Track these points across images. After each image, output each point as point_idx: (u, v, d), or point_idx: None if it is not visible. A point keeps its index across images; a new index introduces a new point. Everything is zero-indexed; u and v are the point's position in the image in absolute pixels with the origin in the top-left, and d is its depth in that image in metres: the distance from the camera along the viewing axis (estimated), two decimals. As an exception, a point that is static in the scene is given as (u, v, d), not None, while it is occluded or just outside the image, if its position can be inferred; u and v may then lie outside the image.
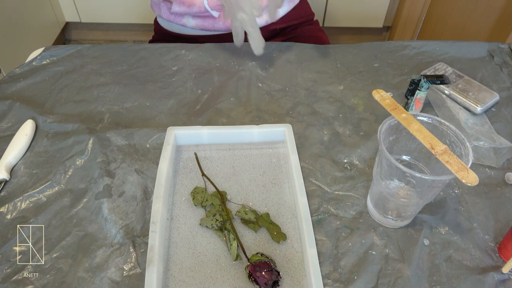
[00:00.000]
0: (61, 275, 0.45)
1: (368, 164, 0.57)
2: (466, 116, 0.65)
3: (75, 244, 0.48)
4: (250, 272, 0.44)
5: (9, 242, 0.48)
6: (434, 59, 0.76)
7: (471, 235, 0.50)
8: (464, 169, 0.39)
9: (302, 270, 0.46)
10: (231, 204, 0.52)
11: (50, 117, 0.62)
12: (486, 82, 0.71)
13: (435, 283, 0.45)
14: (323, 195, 0.54)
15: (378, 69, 0.74)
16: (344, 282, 0.45)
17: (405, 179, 0.44)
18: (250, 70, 0.73)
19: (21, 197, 0.52)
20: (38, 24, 1.81)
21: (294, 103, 0.67)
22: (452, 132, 0.44)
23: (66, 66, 0.73)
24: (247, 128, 0.59)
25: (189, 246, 0.48)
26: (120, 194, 0.53)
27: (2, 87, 0.68)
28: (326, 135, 0.62)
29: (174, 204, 0.52)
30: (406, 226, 0.50)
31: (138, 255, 0.47)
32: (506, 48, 0.79)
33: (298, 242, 0.49)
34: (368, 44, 0.80)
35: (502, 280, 0.45)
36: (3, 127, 0.61)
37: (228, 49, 0.77)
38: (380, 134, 0.43)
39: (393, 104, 0.47)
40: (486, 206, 0.53)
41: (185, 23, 0.84)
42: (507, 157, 0.58)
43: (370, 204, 0.51)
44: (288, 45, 0.78)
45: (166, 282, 0.45)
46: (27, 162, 0.57)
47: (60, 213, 0.51)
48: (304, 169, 0.56)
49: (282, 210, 0.52)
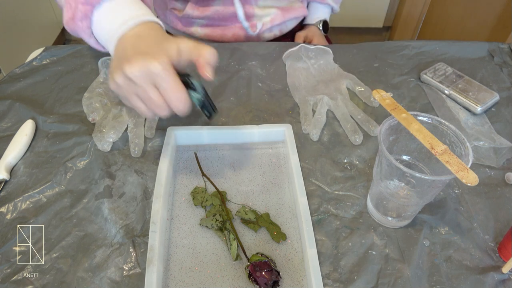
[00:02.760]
0: (61, 275, 0.45)
1: (368, 164, 0.57)
2: (466, 116, 0.65)
3: (75, 244, 0.48)
4: (250, 272, 0.44)
5: (9, 242, 0.48)
6: (434, 59, 0.76)
7: (471, 235, 0.50)
8: (464, 169, 0.39)
9: (302, 270, 0.46)
10: (231, 204, 0.52)
11: (50, 117, 0.62)
12: (486, 82, 0.71)
13: (435, 283, 0.45)
14: (323, 195, 0.54)
15: (378, 69, 0.74)
16: (344, 282, 0.45)
17: (405, 179, 0.44)
18: (250, 70, 0.73)
19: (21, 197, 0.52)
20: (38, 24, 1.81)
21: (294, 103, 0.67)
22: (452, 132, 0.44)
23: (66, 66, 0.73)
24: (247, 128, 0.59)
25: (189, 246, 0.48)
26: (120, 195, 0.53)
27: (2, 87, 0.68)
28: (326, 135, 0.62)
29: (174, 204, 0.52)
30: (406, 226, 0.50)
31: (138, 255, 0.47)
32: (506, 48, 0.79)
33: (298, 242, 0.49)
34: (368, 44, 0.80)
35: (502, 280, 0.45)
36: (3, 127, 0.61)
37: (228, 49, 0.77)
38: (380, 134, 0.43)
39: (393, 104, 0.47)
40: (486, 206, 0.53)
41: (193, 33, 0.83)
42: (507, 157, 0.58)
43: (370, 204, 0.51)
44: (288, 45, 0.78)
45: (166, 282, 0.45)
46: (27, 162, 0.57)
47: (60, 213, 0.51)
48: (304, 169, 0.56)
49: (282, 210, 0.52)
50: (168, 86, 0.39)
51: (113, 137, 0.58)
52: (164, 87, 0.39)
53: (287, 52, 0.74)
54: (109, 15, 0.45)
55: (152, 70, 0.38)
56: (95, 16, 0.46)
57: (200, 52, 0.42)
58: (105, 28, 0.46)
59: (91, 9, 0.45)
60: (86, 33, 0.47)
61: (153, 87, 0.40)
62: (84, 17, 0.46)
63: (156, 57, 0.39)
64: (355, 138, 0.60)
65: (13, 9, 1.62)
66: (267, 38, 0.85)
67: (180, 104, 0.40)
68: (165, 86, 0.39)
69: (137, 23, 0.44)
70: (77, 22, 0.46)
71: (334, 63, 0.74)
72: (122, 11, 0.45)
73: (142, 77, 0.39)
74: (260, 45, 0.79)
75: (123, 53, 0.41)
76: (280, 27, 0.85)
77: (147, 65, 0.38)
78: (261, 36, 0.84)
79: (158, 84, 0.40)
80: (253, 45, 0.78)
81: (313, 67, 0.73)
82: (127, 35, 0.43)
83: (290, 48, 0.74)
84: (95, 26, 0.47)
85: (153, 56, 0.39)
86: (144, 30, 0.43)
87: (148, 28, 0.44)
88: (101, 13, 0.46)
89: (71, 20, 0.47)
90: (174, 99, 0.40)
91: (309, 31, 0.90)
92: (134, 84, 0.40)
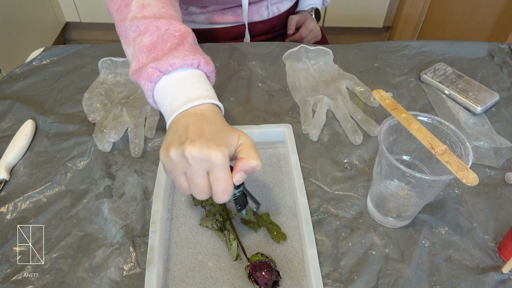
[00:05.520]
0: (61, 275, 0.45)
1: (368, 164, 0.57)
2: (466, 116, 0.65)
3: (75, 244, 0.48)
4: (250, 272, 0.44)
5: (9, 242, 0.48)
6: (434, 59, 0.76)
7: (471, 235, 0.50)
8: (464, 169, 0.39)
9: (302, 270, 0.46)
10: (231, 204, 0.52)
11: (50, 117, 0.62)
12: (486, 82, 0.71)
13: (435, 283, 0.45)
14: (323, 195, 0.54)
15: (378, 69, 0.74)
16: (344, 282, 0.45)
17: (405, 179, 0.44)
18: (250, 70, 0.73)
19: (21, 197, 0.52)
20: (38, 24, 1.81)
21: (294, 103, 0.67)
22: (452, 132, 0.44)
23: (66, 66, 0.73)
24: (247, 128, 0.59)
25: (189, 246, 0.48)
26: (120, 195, 0.53)
27: (2, 87, 0.68)
28: (326, 135, 0.62)
29: (174, 204, 0.52)
30: (406, 226, 0.50)
31: (138, 255, 0.47)
32: (506, 48, 0.79)
33: (298, 242, 0.49)
34: (368, 44, 0.80)
35: (502, 280, 0.45)
36: (3, 127, 0.61)
37: (228, 49, 0.77)
38: (380, 134, 0.43)
39: (393, 104, 0.47)
40: (486, 206, 0.53)
41: (194, 19, 0.84)
42: (507, 157, 0.58)
43: (370, 204, 0.51)
44: (288, 45, 0.78)
45: (166, 282, 0.45)
46: (27, 162, 0.57)
47: (60, 213, 0.51)
48: (304, 169, 0.56)
49: (282, 210, 0.52)
50: (221, 176, 0.39)
51: (114, 138, 0.58)
52: (217, 176, 0.40)
53: (287, 53, 0.74)
54: (176, 85, 0.45)
55: (212, 158, 0.39)
56: (162, 79, 0.45)
57: (249, 156, 0.41)
58: (169, 97, 0.45)
59: (160, 75, 0.45)
60: (148, 94, 0.47)
61: (205, 173, 0.40)
62: (150, 79, 0.45)
63: (219, 146, 0.39)
64: (355, 138, 0.60)
65: (13, 9, 1.62)
66: (264, 15, 0.86)
67: (224, 196, 0.40)
68: (219, 176, 0.39)
69: (203, 104, 0.44)
70: (141, 80, 0.46)
71: (334, 64, 0.74)
72: (190, 87, 0.45)
73: (200, 161, 0.39)
74: (260, 45, 0.79)
75: (185, 130, 0.41)
76: (277, 5, 0.87)
77: (209, 152, 0.38)
78: (260, 12, 0.85)
79: (212, 172, 0.40)
80: (253, 45, 0.79)
81: (313, 68, 0.73)
82: (190, 112, 0.43)
83: (290, 49, 0.74)
84: (159, 90, 0.46)
85: (217, 144, 0.39)
86: (209, 113, 0.43)
87: (213, 112, 0.43)
88: (168, 80, 0.45)
89: (135, 74, 0.47)
90: (221, 190, 0.40)
91: (302, 15, 0.92)
92: (188, 164, 0.40)
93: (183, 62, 0.45)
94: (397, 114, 0.45)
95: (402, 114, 0.45)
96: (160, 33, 0.48)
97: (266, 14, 0.86)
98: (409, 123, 0.44)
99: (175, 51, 0.46)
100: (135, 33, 0.49)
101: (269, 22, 0.88)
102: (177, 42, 0.47)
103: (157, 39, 0.47)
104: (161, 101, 0.46)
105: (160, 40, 0.47)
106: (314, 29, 0.91)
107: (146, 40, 0.48)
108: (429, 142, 0.42)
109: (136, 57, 0.48)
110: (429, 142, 0.42)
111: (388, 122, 0.45)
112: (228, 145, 0.40)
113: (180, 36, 0.48)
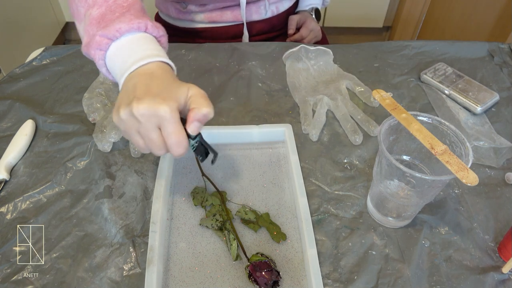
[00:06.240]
0: (61, 275, 0.45)
1: (368, 164, 0.57)
2: (466, 116, 0.65)
3: (75, 244, 0.48)
4: (250, 272, 0.44)
5: (9, 242, 0.48)
6: (434, 59, 0.76)
7: (471, 235, 0.50)
8: (464, 169, 0.39)
9: (302, 270, 0.46)
10: (231, 204, 0.52)
11: (50, 117, 0.62)
12: (486, 82, 0.71)
13: (435, 283, 0.45)
14: (323, 195, 0.54)
15: (378, 69, 0.74)
16: (344, 282, 0.45)
17: (405, 179, 0.44)
18: (250, 70, 0.73)
19: (21, 197, 0.52)
20: (38, 24, 1.81)
21: (294, 103, 0.67)
22: (452, 132, 0.44)
23: (66, 66, 0.73)
24: (247, 128, 0.59)
25: (189, 246, 0.48)
26: (120, 195, 0.53)
27: (2, 87, 0.68)
28: (326, 135, 0.62)
29: (174, 204, 0.52)
30: (406, 226, 0.50)
31: (138, 255, 0.47)
32: (506, 48, 0.79)
33: (298, 242, 0.49)
34: (368, 44, 0.80)
35: (502, 280, 0.45)
36: (3, 127, 0.61)
37: (228, 49, 0.77)
38: (380, 134, 0.43)
39: (393, 104, 0.47)
40: (486, 206, 0.53)
41: (193, 18, 0.85)
42: (507, 157, 0.58)
43: (370, 204, 0.51)
44: (288, 45, 0.78)
45: (166, 282, 0.45)
46: (27, 162, 0.57)
47: (60, 213, 0.51)
48: (304, 169, 0.56)
49: (282, 210, 0.52)
50: (172, 130, 0.40)
51: (115, 138, 0.58)
52: (168, 131, 0.40)
53: (287, 53, 0.74)
54: (125, 49, 0.46)
55: (160, 113, 0.39)
56: (111, 47, 0.46)
57: (199, 105, 0.42)
58: (118, 62, 0.46)
59: (108, 42, 0.46)
60: (99, 64, 0.48)
61: (156, 128, 0.41)
62: (99, 47, 0.46)
63: (166, 100, 0.40)
64: (355, 138, 0.60)
65: (13, 9, 1.62)
66: (263, 14, 0.86)
67: (179, 148, 0.41)
68: (169, 130, 0.40)
69: (151, 62, 0.44)
70: (91, 50, 0.47)
71: (334, 64, 0.74)
72: (138, 48, 0.45)
73: (148, 117, 0.39)
74: (260, 45, 0.79)
75: (133, 89, 0.41)
76: (276, 4, 0.87)
77: (156, 107, 0.39)
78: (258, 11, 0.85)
79: (163, 126, 0.40)
80: (253, 45, 0.79)
81: (313, 68, 0.73)
82: (139, 72, 0.43)
83: (290, 49, 0.74)
84: (110, 57, 0.47)
85: (163, 99, 0.40)
86: (157, 71, 0.44)
87: (161, 69, 0.44)
88: (117, 46, 0.46)
89: (86, 47, 0.48)
90: (175, 143, 0.41)
91: (302, 15, 0.92)
92: (138, 122, 0.40)
93: (129, 26, 0.45)
94: (397, 114, 0.45)
95: (402, 114, 0.45)
96: (108, 4, 0.48)
97: (264, 13, 0.86)
98: (409, 123, 0.44)
99: (122, 17, 0.46)
100: (84, 8, 0.49)
101: (268, 22, 0.88)
102: (125, 12, 0.47)
103: (105, 11, 0.47)
104: (112, 67, 0.47)
105: (108, 11, 0.47)
106: (314, 29, 0.91)
107: (94, 13, 0.48)
108: (429, 142, 0.42)
109: (86, 31, 0.48)
110: (429, 142, 0.42)
111: (388, 122, 0.45)
112: (176, 99, 0.41)
113: (127, 6, 0.48)
